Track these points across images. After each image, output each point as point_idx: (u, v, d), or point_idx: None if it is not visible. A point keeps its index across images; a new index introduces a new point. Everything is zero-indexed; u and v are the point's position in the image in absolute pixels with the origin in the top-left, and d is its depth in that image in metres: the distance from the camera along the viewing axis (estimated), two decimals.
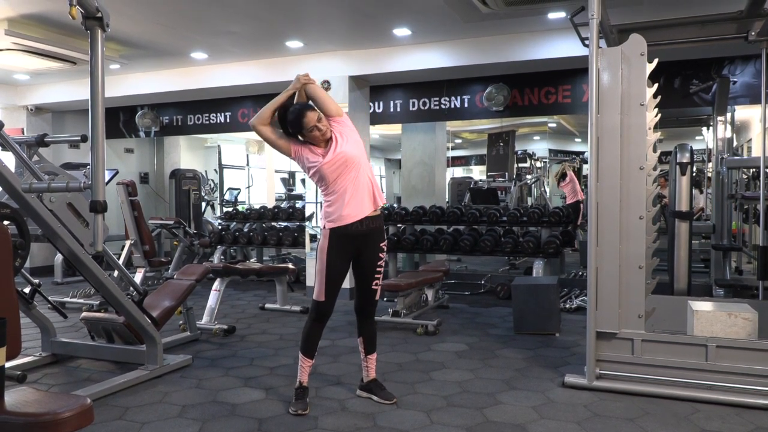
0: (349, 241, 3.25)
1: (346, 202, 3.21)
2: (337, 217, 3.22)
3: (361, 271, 3.35)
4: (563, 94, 6.67)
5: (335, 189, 3.23)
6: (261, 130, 3.28)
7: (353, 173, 3.22)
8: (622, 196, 3.62)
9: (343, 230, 3.22)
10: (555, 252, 6.62)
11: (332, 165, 3.19)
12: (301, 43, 6.52)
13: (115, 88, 7.96)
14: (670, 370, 3.52)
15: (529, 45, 6.10)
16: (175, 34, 6.20)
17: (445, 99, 7.18)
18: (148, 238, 6.83)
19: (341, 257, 3.26)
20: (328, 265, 3.24)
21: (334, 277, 3.27)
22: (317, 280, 3.29)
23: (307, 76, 3.33)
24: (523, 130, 13.74)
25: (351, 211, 3.22)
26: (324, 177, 3.22)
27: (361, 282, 3.37)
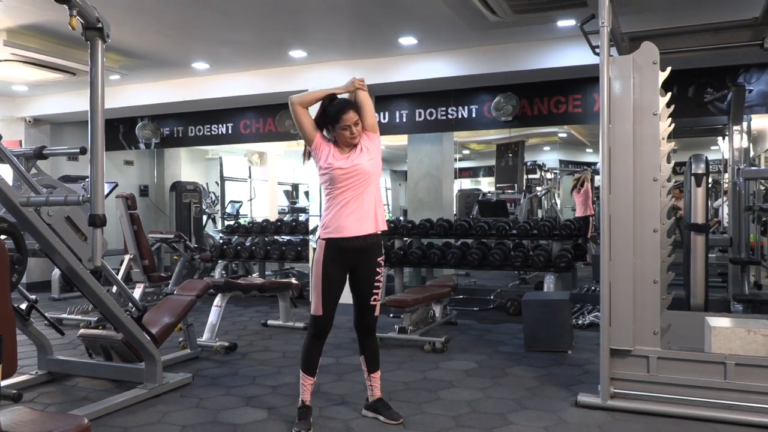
0: (345, 255, 3.25)
1: (346, 214, 3.22)
2: (335, 227, 3.22)
3: (359, 287, 3.34)
4: (574, 104, 6.68)
5: (340, 199, 3.23)
6: (297, 109, 3.28)
7: (361, 189, 3.23)
8: (635, 208, 3.61)
9: (339, 243, 3.22)
10: (567, 266, 6.60)
11: (345, 173, 3.20)
12: (305, 53, 6.56)
13: (114, 99, 8.02)
14: (687, 389, 3.49)
15: (538, 53, 6.12)
16: (175, 44, 6.25)
17: (452, 109, 7.20)
18: (147, 253, 6.85)
19: (337, 269, 3.26)
20: (324, 277, 3.24)
21: (331, 289, 3.26)
22: (313, 293, 3.28)
23: (362, 81, 3.36)
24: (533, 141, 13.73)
25: (350, 224, 3.21)
26: (333, 181, 3.22)
27: (359, 298, 3.36)
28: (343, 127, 3.21)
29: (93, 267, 3.30)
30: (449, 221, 7.69)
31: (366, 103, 3.33)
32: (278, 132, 8.17)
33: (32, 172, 4.22)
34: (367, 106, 3.33)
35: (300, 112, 3.29)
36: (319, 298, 3.25)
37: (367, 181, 3.24)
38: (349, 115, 3.21)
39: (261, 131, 8.38)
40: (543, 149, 15.17)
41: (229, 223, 10.56)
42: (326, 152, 3.26)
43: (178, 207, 10.43)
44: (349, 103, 3.27)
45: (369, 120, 3.32)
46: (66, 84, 7.79)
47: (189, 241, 8.75)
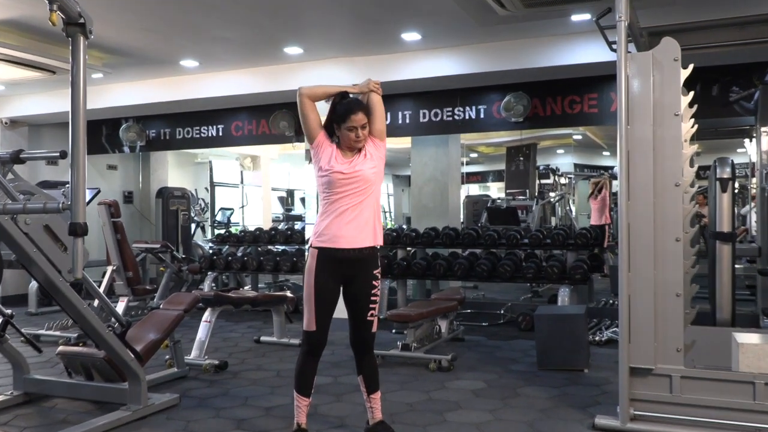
0: (339, 266, 3.24)
1: (344, 223, 3.21)
2: (330, 237, 3.21)
3: (354, 301, 3.34)
4: (589, 104, 6.69)
5: (337, 206, 3.22)
6: (305, 101, 3.28)
7: (361, 197, 3.23)
8: (656, 215, 3.61)
9: (333, 253, 3.22)
10: (582, 278, 6.59)
11: (346, 178, 3.21)
12: (301, 50, 6.58)
13: (97, 99, 8.05)
14: (713, 411, 3.47)
15: (550, 50, 6.13)
16: (163, 41, 6.27)
17: (458, 109, 7.21)
18: (131, 264, 6.85)
19: (331, 279, 3.25)
20: (316, 288, 3.23)
21: (325, 302, 3.25)
22: (306, 307, 3.27)
23: (378, 84, 3.37)
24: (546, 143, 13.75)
25: (347, 234, 3.21)
26: (331, 186, 3.22)
27: (354, 313, 3.35)
28: (350, 127, 3.22)
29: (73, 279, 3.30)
30: (456, 230, 7.69)
31: (378, 107, 3.34)
32: (272, 134, 8.18)
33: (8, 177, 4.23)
34: (378, 110, 3.34)
35: (307, 104, 3.30)
36: (312, 312, 3.24)
37: (367, 190, 3.25)
38: (357, 116, 3.23)
39: (254, 133, 8.40)
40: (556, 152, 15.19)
41: (219, 232, 10.58)
42: (328, 153, 3.27)
43: (164, 215, 10.44)
44: (359, 104, 3.28)
45: (378, 125, 3.34)
46: (45, 83, 7.82)
47: (176, 252, 8.75)
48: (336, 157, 3.25)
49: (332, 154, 3.26)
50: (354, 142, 3.24)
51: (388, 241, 7.71)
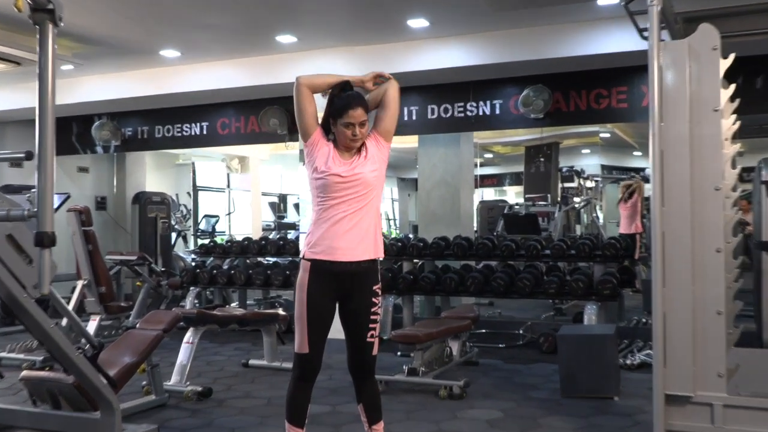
0: (335, 280, 3.22)
1: (340, 233, 3.19)
2: (324, 248, 3.19)
3: (352, 321, 3.32)
4: (617, 98, 6.69)
5: (333, 213, 3.21)
6: (303, 90, 3.26)
7: (360, 204, 3.22)
8: (693, 223, 3.60)
9: (328, 266, 3.20)
10: (612, 294, 6.57)
11: (344, 182, 3.19)
12: (295, 38, 6.60)
13: (67, 93, 8.08)
14: None
15: (574, 38, 6.14)
16: (140, 28, 6.30)
17: (471, 105, 7.22)
18: (104, 278, 6.85)
19: (325, 295, 3.24)
20: (309, 305, 3.21)
21: (319, 321, 3.24)
22: (297, 326, 3.25)
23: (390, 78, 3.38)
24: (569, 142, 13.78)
25: (344, 245, 3.19)
26: (327, 190, 3.20)
27: (353, 334, 3.33)
28: (346, 123, 3.21)
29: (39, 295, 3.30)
30: (469, 239, 7.68)
31: (392, 104, 3.33)
32: (263, 133, 8.20)
33: None
34: (392, 106, 3.33)
35: (305, 96, 3.27)
36: (304, 332, 3.23)
37: (367, 195, 3.24)
38: (356, 112, 3.21)
39: (242, 131, 8.42)
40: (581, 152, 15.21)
41: (203, 242, 10.58)
42: (324, 153, 3.26)
43: (141, 223, 10.46)
44: (359, 98, 3.26)
45: (387, 124, 3.33)
46: (9, 76, 7.85)
47: (155, 264, 8.75)
48: (333, 158, 3.24)
49: (329, 155, 3.25)
50: (350, 140, 3.23)
51: (392, 253, 7.71)
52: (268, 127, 8.09)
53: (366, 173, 3.23)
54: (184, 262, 10.31)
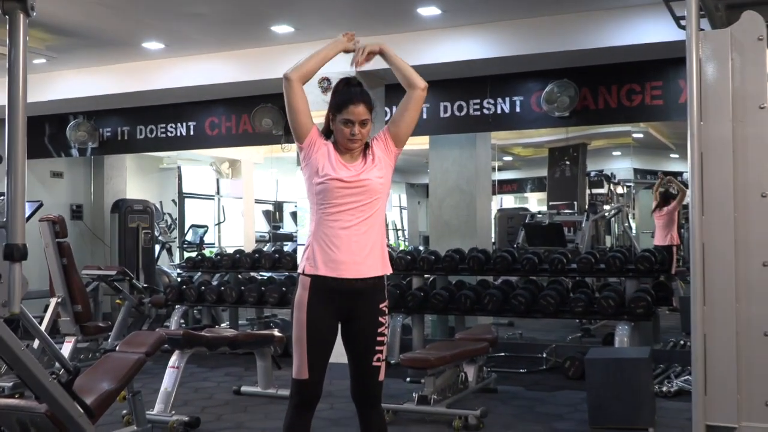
0: (337, 299, 3.22)
1: (345, 246, 3.19)
2: (326, 262, 3.18)
3: (356, 344, 3.31)
4: (652, 94, 6.69)
5: (335, 223, 3.20)
6: (294, 87, 3.26)
7: (366, 214, 3.21)
8: (737, 234, 3.60)
9: (330, 283, 3.19)
10: (646, 313, 6.56)
11: (347, 187, 3.18)
12: (291, 28, 6.63)
13: (39, 90, 8.13)
14: None
15: (603, 27, 6.15)
16: (120, 17, 6.34)
17: (488, 102, 7.23)
18: (80, 295, 6.87)
19: (327, 315, 3.24)
20: (309, 326, 3.21)
21: (319, 343, 3.23)
22: (296, 349, 3.25)
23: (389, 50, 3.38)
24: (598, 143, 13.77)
25: (348, 259, 3.18)
26: (328, 196, 3.19)
27: (357, 358, 3.32)
28: (345, 120, 3.20)
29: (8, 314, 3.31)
30: (486, 252, 7.67)
31: (415, 106, 3.33)
32: (256, 133, 8.23)
33: None
34: (413, 109, 3.32)
35: (296, 91, 3.26)
36: (303, 356, 3.22)
37: (373, 205, 3.23)
38: (357, 108, 3.21)
39: (233, 132, 8.45)
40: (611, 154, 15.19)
41: (190, 255, 10.60)
42: (324, 154, 3.24)
43: (121, 233, 10.48)
44: (362, 94, 3.25)
45: (403, 128, 3.33)
46: None
47: (136, 280, 8.77)
48: (335, 161, 3.22)
49: (329, 156, 3.23)
50: (347, 140, 3.22)
51: (400, 267, 7.71)
52: (260, 127, 8.11)
53: (373, 179, 3.22)
54: (169, 278, 10.32)
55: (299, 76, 3.28)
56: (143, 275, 10.24)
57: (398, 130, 3.33)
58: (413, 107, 3.34)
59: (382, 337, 3.31)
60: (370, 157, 3.27)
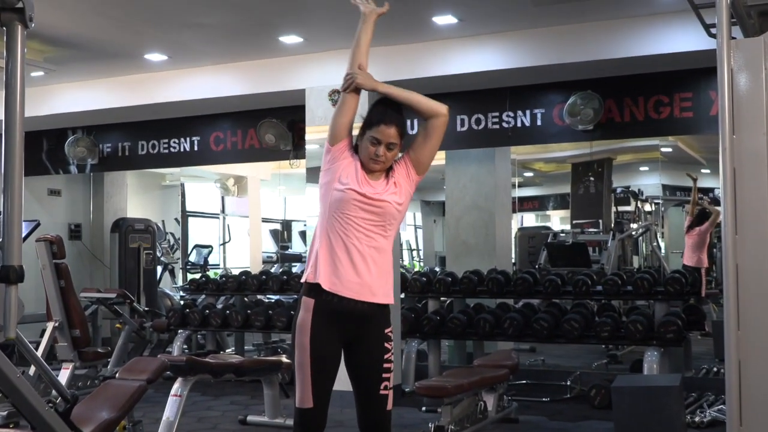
0: (342, 322, 3.22)
1: (355, 266, 3.18)
2: (330, 275, 3.17)
3: (362, 371, 3.31)
4: (681, 106, 6.68)
5: (348, 240, 3.19)
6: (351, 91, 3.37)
7: (376, 236, 3.21)
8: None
9: (337, 305, 3.18)
10: (676, 338, 6.52)
11: (364, 203, 3.18)
12: (300, 39, 6.66)
13: (36, 104, 8.17)
14: None
15: (628, 36, 6.15)
16: (122, 29, 6.38)
17: (508, 115, 7.23)
18: (79, 319, 6.88)
19: (331, 338, 3.23)
20: (312, 351, 3.20)
21: (324, 369, 3.23)
22: (298, 377, 3.24)
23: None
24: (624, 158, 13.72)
25: (360, 281, 3.19)
26: (344, 207, 3.18)
27: (363, 387, 3.32)
28: (373, 138, 3.21)
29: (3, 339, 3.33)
30: (506, 273, 7.65)
31: (437, 131, 3.36)
32: (263, 149, 8.25)
33: None
34: (436, 135, 3.36)
35: (352, 94, 3.35)
36: (306, 383, 3.21)
37: (387, 228, 3.24)
38: (389, 130, 3.23)
39: (239, 147, 8.48)
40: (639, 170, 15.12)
41: (193, 277, 10.62)
42: (351, 166, 3.25)
43: (122, 254, 10.51)
44: (397, 118, 3.28)
45: (425, 154, 3.35)
46: None
47: (137, 303, 8.79)
48: (359, 175, 3.24)
49: (356, 170, 3.25)
50: (370, 159, 3.23)
51: (416, 289, 7.70)
52: (265, 142, 8.12)
53: (392, 203, 3.25)
54: (172, 301, 10.34)
55: (362, 66, 3.41)
56: (144, 298, 10.26)
57: (420, 157, 3.35)
58: (436, 134, 3.37)
59: (389, 363, 3.31)
60: (393, 180, 3.30)
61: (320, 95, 6.96)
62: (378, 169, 3.26)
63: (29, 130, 9.01)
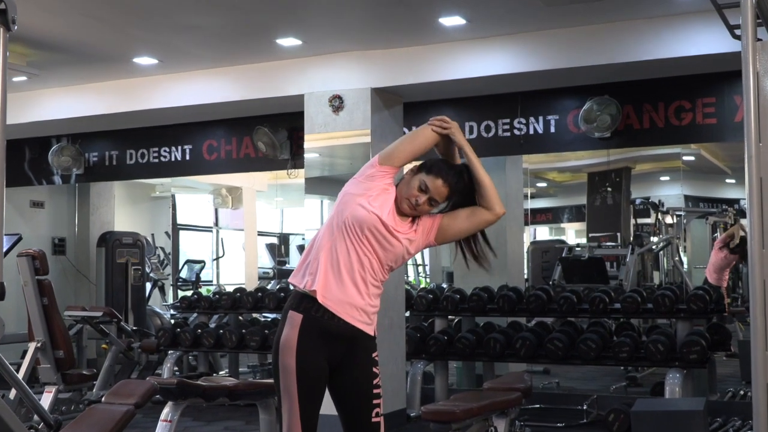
0: (330, 342, 3.21)
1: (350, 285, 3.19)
2: (326, 288, 3.17)
3: (351, 397, 3.31)
4: (704, 112, 6.68)
5: (347, 255, 3.19)
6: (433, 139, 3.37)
7: (377, 271, 3.24)
8: None
9: (326, 323, 3.18)
10: (700, 359, 6.50)
11: (380, 234, 3.19)
12: (299, 41, 6.67)
13: (18, 110, 8.20)
14: None
15: (647, 38, 6.16)
16: (110, 31, 6.40)
17: (519, 121, 7.24)
18: (62, 340, 6.87)
19: (318, 359, 3.22)
20: (300, 372, 3.19)
21: (312, 392, 3.22)
22: (285, 401, 3.23)
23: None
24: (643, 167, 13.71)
25: (344, 299, 3.19)
26: (358, 226, 3.17)
27: (353, 414, 3.31)
28: (423, 184, 3.22)
29: None
30: (517, 290, 7.65)
31: (478, 225, 3.44)
32: (259, 158, 8.25)
33: None
34: (475, 226, 3.43)
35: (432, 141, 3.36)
36: (294, 409, 3.20)
37: (388, 268, 3.28)
38: (436, 183, 3.24)
39: (234, 156, 8.48)
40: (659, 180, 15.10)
41: (185, 294, 10.61)
42: (383, 192, 3.25)
43: (108, 270, 10.51)
44: (454, 177, 3.29)
45: (457, 233, 3.41)
46: None
47: (125, 322, 8.78)
48: (390, 207, 3.24)
49: (389, 204, 3.25)
50: (407, 200, 3.23)
51: (421, 307, 7.69)
52: (260, 151, 8.11)
53: (404, 248, 3.27)
54: (161, 320, 10.33)
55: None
56: (132, 317, 10.26)
57: (449, 229, 3.38)
58: (475, 225, 3.44)
59: (378, 389, 3.31)
60: (415, 228, 3.32)
61: (320, 101, 6.96)
62: (408, 212, 3.27)
63: (11, 139, 9.05)
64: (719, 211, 12.70)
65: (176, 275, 12.54)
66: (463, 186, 3.33)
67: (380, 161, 3.28)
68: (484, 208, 3.39)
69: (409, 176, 3.29)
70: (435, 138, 3.34)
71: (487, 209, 3.40)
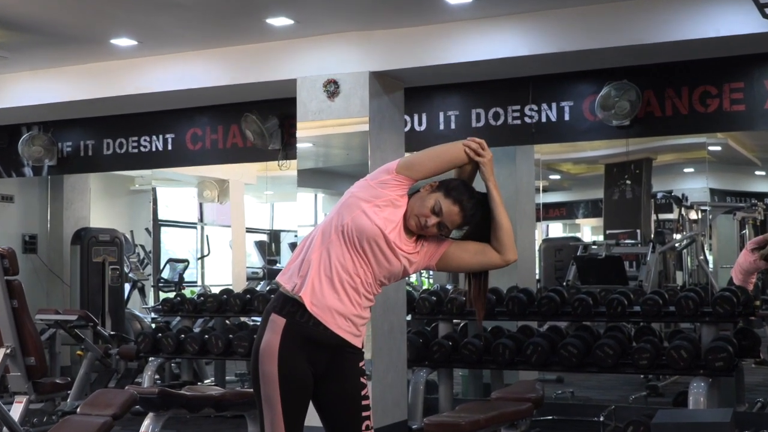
0: (313, 349, 3.21)
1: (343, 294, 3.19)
2: (313, 295, 3.17)
3: (339, 410, 3.31)
4: (731, 98, 6.67)
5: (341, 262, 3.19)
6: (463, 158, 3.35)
7: (364, 282, 3.23)
8: None
9: (312, 331, 3.18)
10: (726, 366, 6.50)
11: (380, 248, 3.19)
12: (291, 21, 6.67)
13: None
14: None
15: (670, 18, 6.15)
16: (84, 9, 6.40)
17: (530, 108, 7.23)
18: (34, 345, 6.88)
19: (302, 366, 3.22)
20: (283, 381, 3.18)
21: (297, 403, 3.21)
22: (266, 413, 3.22)
23: None
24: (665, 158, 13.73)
25: (333, 307, 3.19)
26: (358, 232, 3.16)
27: (341, 427, 3.32)
28: (438, 205, 3.20)
29: None
30: (528, 292, 7.65)
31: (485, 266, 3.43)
32: (247, 148, 8.24)
33: None
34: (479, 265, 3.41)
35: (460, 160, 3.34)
36: (277, 421, 3.18)
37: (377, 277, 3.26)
38: (452, 208, 3.22)
39: (220, 146, 8.47)
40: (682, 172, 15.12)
41: (167, 296, 10.62)
42: (397, 212, 3.25)
43: (84, 270, 10.51)
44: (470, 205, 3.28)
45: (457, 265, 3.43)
46: None
47: (101, 326, 8.79)
48: (395, 221, 3.23)
49: (395, 214, 3.23)
50: (413, 218, 3.23)
51: (424, 310, 7.70)
52: (249, 140, 8.09)
53: (401, 264, 3.26)
54: (141, 324, 10.33)
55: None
56: (110, 320, 10.25)
57: (453, 258, 3.37)
58: (480, 267, 3.43)
59: (367, 400, 3.31)
60: (419, 248, 3.31)
61: (313, 86, 6.93)
62: (413, 229, 3.26)
63: None
64: (748, 205, 12.76)
65: (157, 275, 12.56)
66: (479, 219, 3.34)
67: (398, 169, 3.25)
68: (494, 250, 3.39)
69: (426, 192, 3.27)
70: (464, 160, 3.32)
71: (498, 252, 3.39)
